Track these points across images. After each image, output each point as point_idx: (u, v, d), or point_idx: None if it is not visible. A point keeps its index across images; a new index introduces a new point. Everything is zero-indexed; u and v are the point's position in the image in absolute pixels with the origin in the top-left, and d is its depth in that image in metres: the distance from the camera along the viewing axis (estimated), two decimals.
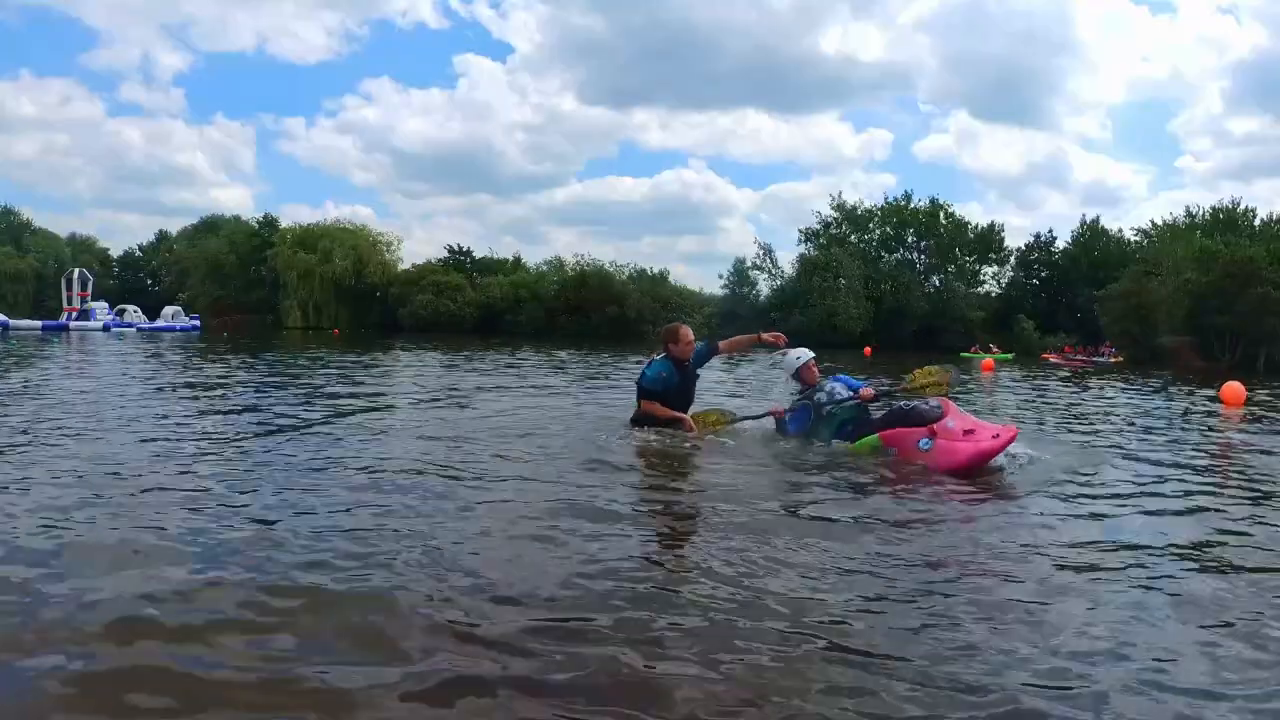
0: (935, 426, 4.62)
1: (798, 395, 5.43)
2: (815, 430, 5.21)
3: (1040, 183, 77.50)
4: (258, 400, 7.54)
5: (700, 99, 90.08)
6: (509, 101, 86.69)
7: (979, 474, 4.36)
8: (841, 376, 5.50)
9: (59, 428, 5.22)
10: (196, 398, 7.72)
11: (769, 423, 5.50)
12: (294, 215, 74.53)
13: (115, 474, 3.83)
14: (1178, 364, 26.74)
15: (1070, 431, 7.16)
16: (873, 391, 5.23)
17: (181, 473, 3.92)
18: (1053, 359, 29.96)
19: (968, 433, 4.52)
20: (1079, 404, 10.61)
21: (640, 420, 5.46)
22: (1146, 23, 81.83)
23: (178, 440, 4.88)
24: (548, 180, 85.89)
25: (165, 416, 5.95)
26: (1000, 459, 4.49)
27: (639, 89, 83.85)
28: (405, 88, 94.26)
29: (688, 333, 5.50)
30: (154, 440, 4.84)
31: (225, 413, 6.46)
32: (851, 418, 5.16)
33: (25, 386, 8.31)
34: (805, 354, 5.52)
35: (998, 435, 4.46)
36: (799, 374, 5.46)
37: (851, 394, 5.23)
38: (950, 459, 4.41)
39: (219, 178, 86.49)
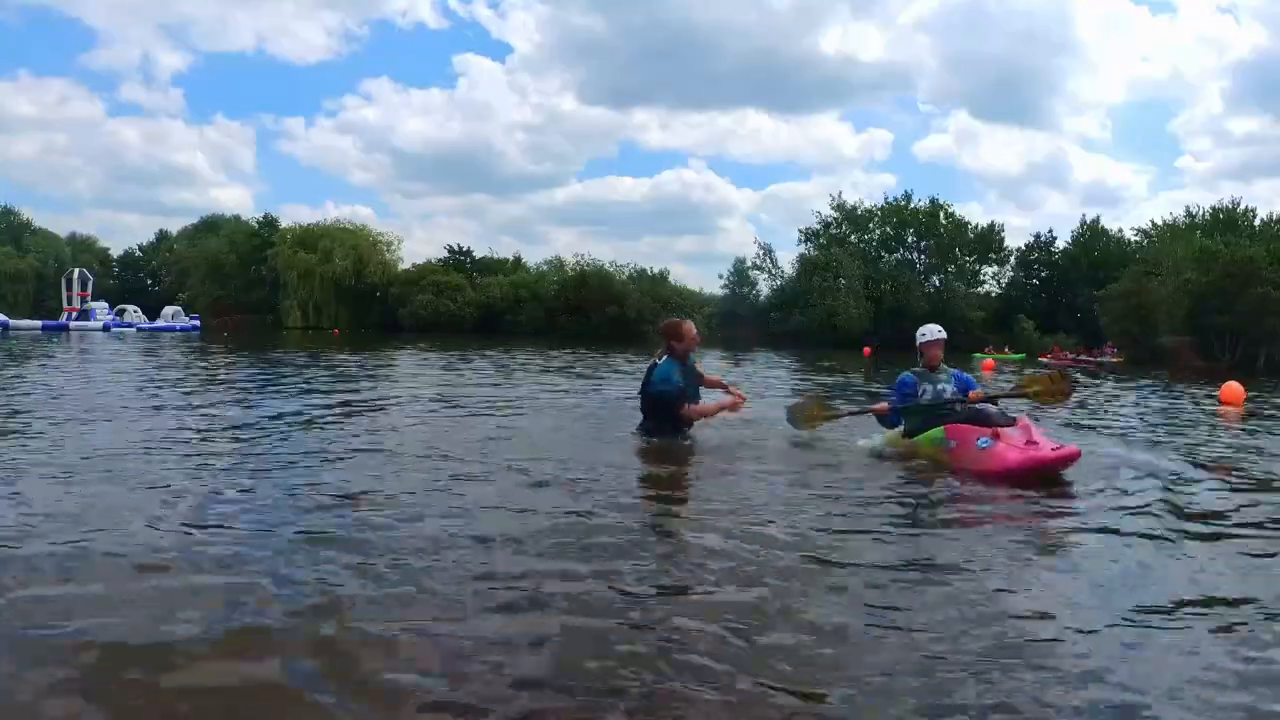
0: (1000, 430, 4.58)
1: (919, 369, 5.33)
2: (906, 413, 5.19)
3: (1040, 183, 77.75)
4: (257, 398, 7.53)
5: (700, 99, 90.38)
6: (509, 101, 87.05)
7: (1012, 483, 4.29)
8: (965, 376, 5.36)
9: (55, 426, 5.21)
10: (194, 395, 7.72)
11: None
12: (294, 215, 74.81)
13: (111, 472, 3.82)
14: (1178, 364, 26.73)
15: (1071, 431, 7.15)
16: (982, 393, 5.11)
17: (178, 471, 3.92)
18: (1044, 359, 30.04)
19: (1029, 443, 4.46)
20: (1077, 403, 10.59)
21: (655, 430, 5.16)
22: (1146, 23, 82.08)
23: (174, 439, 4.88)
24: (547, 180, 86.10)
25: (163, 413, 5.95)
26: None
27: (639, 89, 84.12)
28: (405, 88, 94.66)
29: (691, 328, 5.24)
30: (152, 439, 4.83)
31: (223, 409, 6.45)
32: (937, 416, 5.04)
33: (24, 385, 8.31)
34: (934, 331, 5.34)
35: (1057, 449, 4.41)
36: (922, 349, 5.31)
37: (959, 394, 5.12)
38: (998, 462, 4.36)
39: (219, 177, 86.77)
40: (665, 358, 5.15)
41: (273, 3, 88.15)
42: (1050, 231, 47.76)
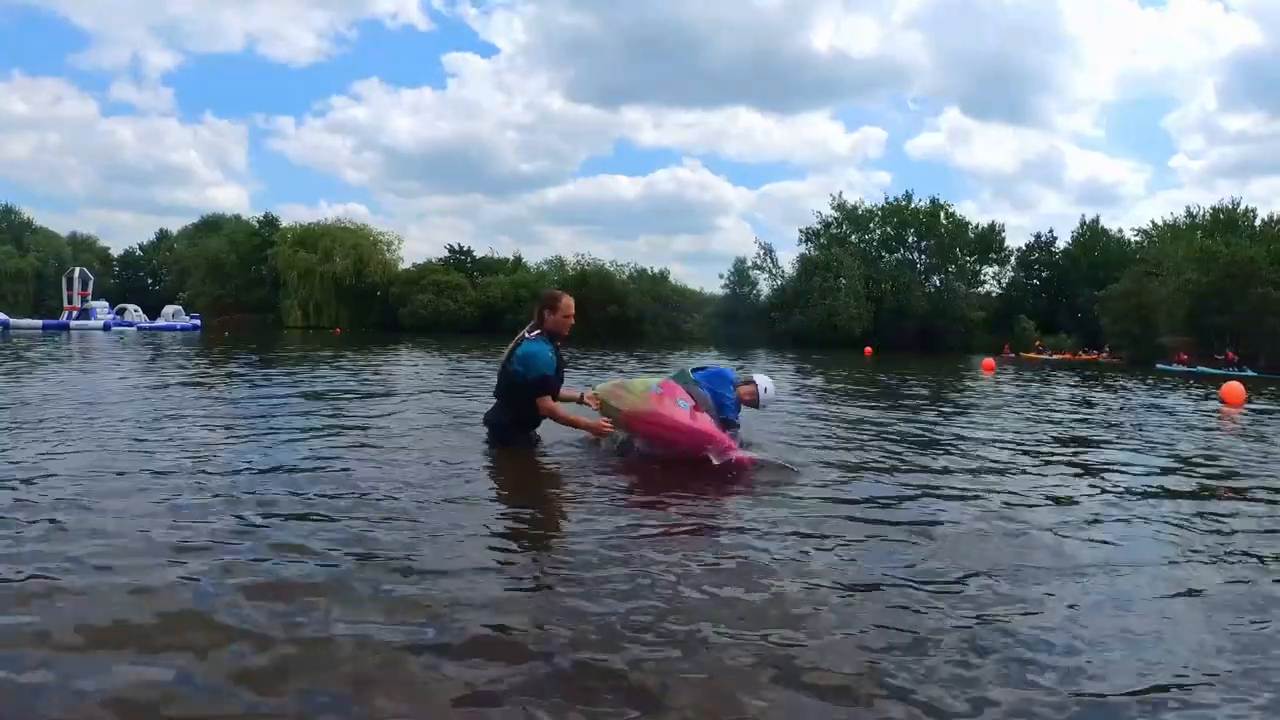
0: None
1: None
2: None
3: (1034, 180, 77.92)
4: (256, 396, 7.53)
5: (690, 97, 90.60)
6: (500, 101, 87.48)
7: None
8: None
9: (55, 425, 5.21)
10: (193, 394, 7.73)
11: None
12: (290, 214, 74.92)
13: (109, 474, 3.83)
14: (1178, 364, 26.80)
15: (1072, 430, 7.16)
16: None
17: (176, 472, 3.92)
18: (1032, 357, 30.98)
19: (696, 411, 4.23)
20: (1078, 402, 10.61)
21: (514, 425, 4.47)
22: (1135, 15, 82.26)
23: (171, 438, 4.88)
24: (541, 179, 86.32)
25: (161, 413, 5.95)
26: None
27: (628, 87, 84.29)
28: (395, 88, 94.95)
29: (570, 303, 4.53)
30: (150, 440, 4.84)
31: (222, 407, 6.45)
32: None
33: (24, 385, 8.31)
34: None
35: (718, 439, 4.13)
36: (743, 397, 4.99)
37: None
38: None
39: (214, 176, 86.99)
40: (536, 333, 4.42)
41: (262, 4, 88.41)
42: (1050, 231, 47.99)
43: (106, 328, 33.68)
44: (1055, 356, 34.09)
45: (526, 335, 4.44)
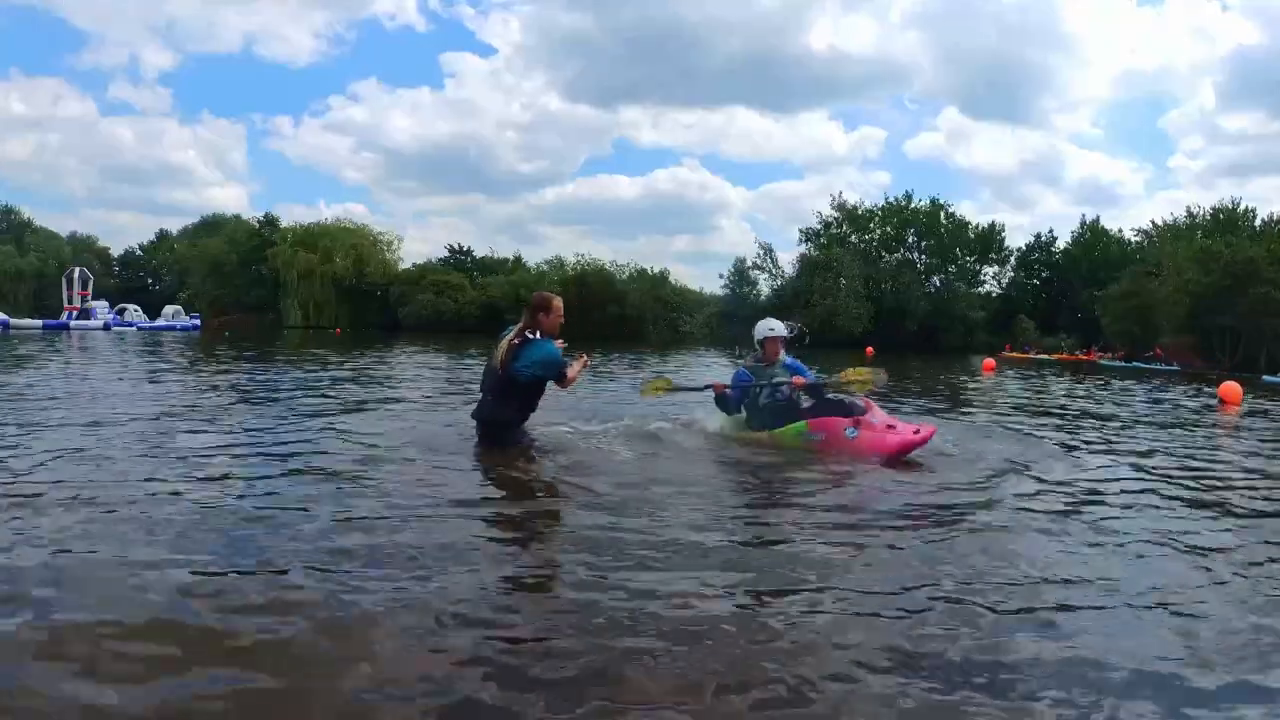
0: (860, 418, 4.92)
1: (754, 363, 5.49)
2: (750, 410, 5.38)
3: (1033, 180, 77.62)
4: (253, 396, 7.54)
5: (688, 97, 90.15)
6: (499, 101, 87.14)
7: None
8: (797, 363, 5.50)
9: (55, 425, 5.22)
10: (192, 395, 7.73)
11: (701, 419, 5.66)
12: (289, 213, 73.86)
13: (106, 476, 3.83)
14: (1179, 364, 26.80)
15: (1071, 429, 7.15)
16: (804, 380, 5.33)
17: (173, 473, 3.92)
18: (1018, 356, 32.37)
19: (889, 427, 4.85)
20: (1079, 401, 10.61)
21: (515, 422, 4.64)
22: (1133, 14, 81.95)
23: (170, 438, 4.88)
24: (540, 179, 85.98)
25: (159, 415, 5.95)
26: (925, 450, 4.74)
27: (627, 87, 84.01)
28: (394, 88, 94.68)
29: (561, 305, 4.70)
30: (148, 441, 4.84)
31: (221, 406, 6.46)
32: (782, 410, 5.28)
33: (24, 384, 8.31)
34: (777, 328, 5.49)
35: (918, 431, 4.78)
36: (763, 344, 5.46)
37: (787, 385, 5.27)
38: (877, 447, 4.70)
39: (214, 175, 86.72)
40: (537, 335, 4.58)
41: (260, 4, 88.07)
42: (1050, 231, 47.87)
43: (106, 327, 33.59)
44: (1041, 356, 34.65)
45: (529, 336, 4.56)
